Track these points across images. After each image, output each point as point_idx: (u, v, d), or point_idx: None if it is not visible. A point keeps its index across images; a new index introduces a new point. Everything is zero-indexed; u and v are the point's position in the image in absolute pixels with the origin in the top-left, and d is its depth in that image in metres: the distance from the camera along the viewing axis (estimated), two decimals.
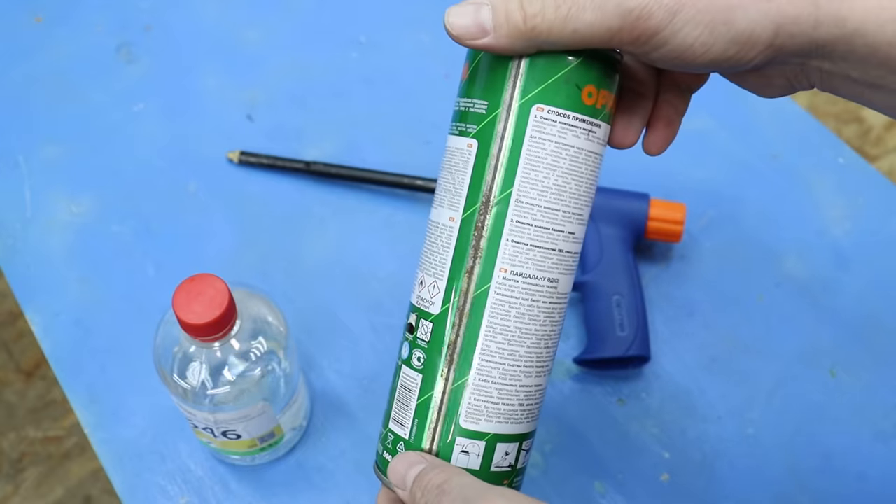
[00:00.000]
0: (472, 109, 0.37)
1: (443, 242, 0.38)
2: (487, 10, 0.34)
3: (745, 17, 0.32)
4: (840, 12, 0.31)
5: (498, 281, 0.37)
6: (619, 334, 0.60)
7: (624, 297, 0.61)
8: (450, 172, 0.38)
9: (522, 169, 0.36)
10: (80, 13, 0.80)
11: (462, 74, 0.38)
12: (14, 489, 1.29)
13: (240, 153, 0.70)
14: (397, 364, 0.40)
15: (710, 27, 0.32)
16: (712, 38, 0.32)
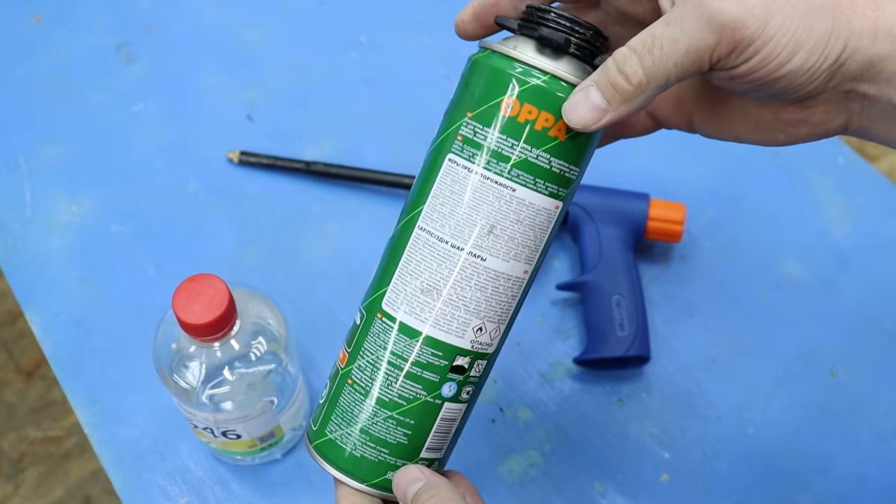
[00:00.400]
0: (566, 174, 0.39)
1: (512, 293, 0.40)
2: (595, 92, 0.35)
3: (822, 25, 0.33)
4: (892, 31, 0.33)
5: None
6: (619, 334, 0.60)
7: (624, 297, 0.61)
8: (532, 229, 0.39)
9: None
10: (79, 13, 0.80)
11: (553, 130, 0.37)
12: (14, 489, 1.29)
13: (240, 153, 0.70)
14: (433, 403, 0.40)
15: (796, 34, 0.33)
16: (797, 46, 0.33)
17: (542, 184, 0.38)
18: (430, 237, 0.38)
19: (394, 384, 0.39)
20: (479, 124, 0.38)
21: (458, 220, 0.38)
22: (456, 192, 0.38)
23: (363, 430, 0.40)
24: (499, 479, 0.58)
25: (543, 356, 0.63)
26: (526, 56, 0.37)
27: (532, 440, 0.60)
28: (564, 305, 0.65)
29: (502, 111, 0.37)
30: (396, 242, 0.40)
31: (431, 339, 0.39)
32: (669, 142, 0.73)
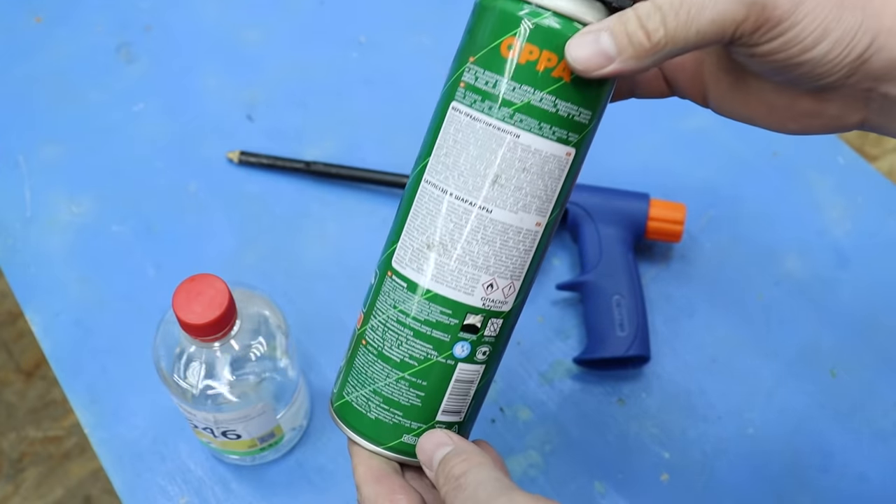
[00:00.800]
0: (576, 118, 0.36)
1: (524, 246, 0.38)
2: (607, 37, 0.34)
3: (852, 17, 0.33)
4: None
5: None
6: (619, 334, 0.60)
7: (624, 297, 0.61)
8: (541, 178, 0.37)
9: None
10: (79, 13, 0.80)
11: (556, 71, 0.35)
12: (14, 489, 1.29)
13: (240, 153, 0.70)
14: (446, 364, 0.39)
15: (824, 22, 0.33)
16: (823, 34, 0.33)
17: (549, 128, 0.36)
18: (435, 189, 0.37)
19: (403, 344, 0.38)
20: (480, 68, 0.36)
21: (462, 170, 0.36)
22: (459, 141, 0.36)
23: (376, 392, 0.39)
24: None
25: (543, 356, 0.63)
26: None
27: (532, 440, 0.60)
28: (564, 305, 0.65)
29: (502, 52, 0.35)
30: (407, 197, 0.39)
31: (439, 297, 0.37)
32: (670, 142, 0.73)
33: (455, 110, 0.37)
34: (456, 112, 0.37)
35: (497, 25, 0.35)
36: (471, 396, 0.40)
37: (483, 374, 0.40)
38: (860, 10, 0.33)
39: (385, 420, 0.39)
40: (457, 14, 0.82)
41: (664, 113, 0.75)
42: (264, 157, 0.70)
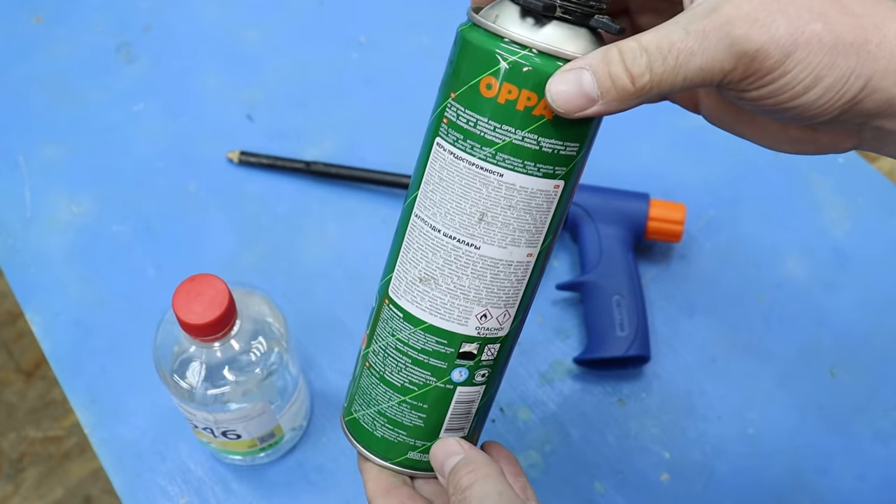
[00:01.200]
0: (562, 152, 0.35)
1: (517, 277, 0.38)
2: (589, 77, 0.32)
3: (845, 62, 0.32)
4: None
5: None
6: (619, 334, 0.60)
7: (624, 297, 0.61)
8: (528, 212, 0.36)
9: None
10: (79, 13, 0.80)
11: (537, 109, 0.34)
12: (14, 489, 1.29)
13: (240, 153, 0.70)
14: (445, 388, 0.40)
15: (815, 70, 0.32)
16: (814, 82, 0.32)
17: (533, 165, 0.35)
18: (425, 225, 0.37)
19: (403, 370, 0.39)
20: (461, 106, 0.35)
21: (448, 208, 0.36)
22: (444, 178, 0.36)
23: (380, 413, 0.40)
24: None
25: (543, 356, 0.63)
26: (504, 27, 0.34)
27: (532, 440, 0.60)
28: (564, 305, 0.65)
29: (482, 91, 0.34)
30: (400, 227, 0.39)
31: (434, 328, 0.38)
32: (669, 142, 0.73)
33: (439, 146, 0.36)
34: (440, 149, 0.36)
35: (475, 62, 0.34)
36: (473, 414, 0.41)
37: (483, 394, 0.41)
38: (854, 54, 0.32)
39: (391, 438, 0.41)
40: (457, 14, 0.82)
41: (664, 113, 0.75)
42: (264, 157, 0.70)
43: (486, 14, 0.35)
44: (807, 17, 0.31)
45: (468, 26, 0.35)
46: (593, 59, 0.32)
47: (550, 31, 0.33)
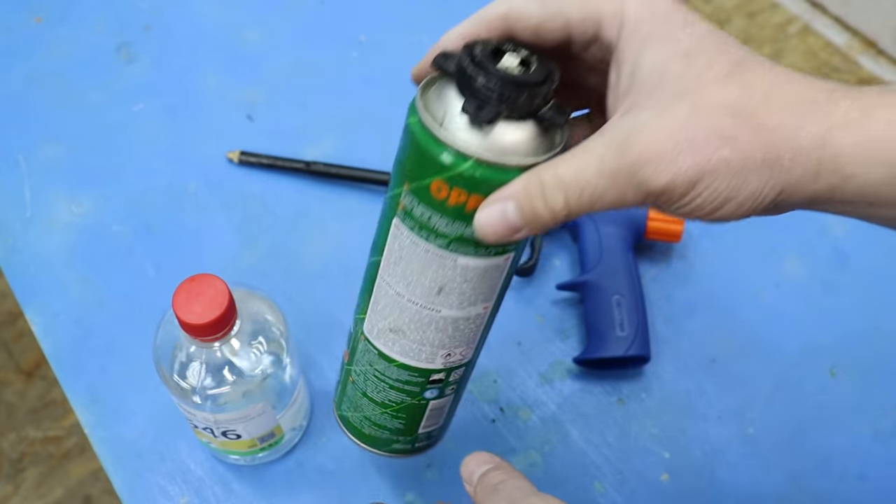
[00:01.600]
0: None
1: (475, 325, 0.41)
2: (513, 208, 0.34)
3: (757, 179, 0.32)
4: (836, 163, 0.32)
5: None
6: (619, 334, 0.60)
7: (624, 297, 0.61)
8: (483, 281, 0.39)
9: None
10: (79, 13, 0.80)
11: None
12: (14, 489, 1.29)
13: (240, 153, 0.70)
14: (420, 403, 0.45)
15: (725, 191, 0.33)
16: (725, 200, 0.33)
17: (485, 249, 0.37)
18: (390, 289, 0.40)
19: (382, 392, 0.45)
20: (415, 198, 0.36)
21: (409, 280, 0.39)
22: (404, 256, 0.38)
23: (366, 417, 0.47)
24: None
25: (543, 356, 0.63)
26: (452, 132, 0.34)
27: (532, 440, 0.60)
28: (564, 305, 0.65)
29: (433, 192, 0.35)
30: (367, 278, 0.42)
31: (406, 365, 0.42)
32: None
33: (397, 227, 0.38)
34: (398, 230, 0.38)
35: (425, 165, 0.35)
36: (445, 413, 0.48)
37: (453, 399, 0.47)
38: (767, 169, 0.32)
39: (377, 435, 0.48)
40: (457, 14, 0.82)
41: None
42: (264, 157, 0.70)
43: (433, 107, 0.36)
44: (715, 144, 0.32)
45: (416, 121, 0.36)
46: (516, 192, 0.34)
47: (497, 134, 0.34)
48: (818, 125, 0.32)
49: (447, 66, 0.35)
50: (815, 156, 0.32)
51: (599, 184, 0.33)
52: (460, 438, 0.59)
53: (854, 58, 1.77)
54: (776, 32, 1.81)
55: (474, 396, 0.61)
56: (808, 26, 1.81)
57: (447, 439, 0.59)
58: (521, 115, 0.34)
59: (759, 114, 0.32)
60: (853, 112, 0.32)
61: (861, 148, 0.32)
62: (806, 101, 0.33)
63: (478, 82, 0.33)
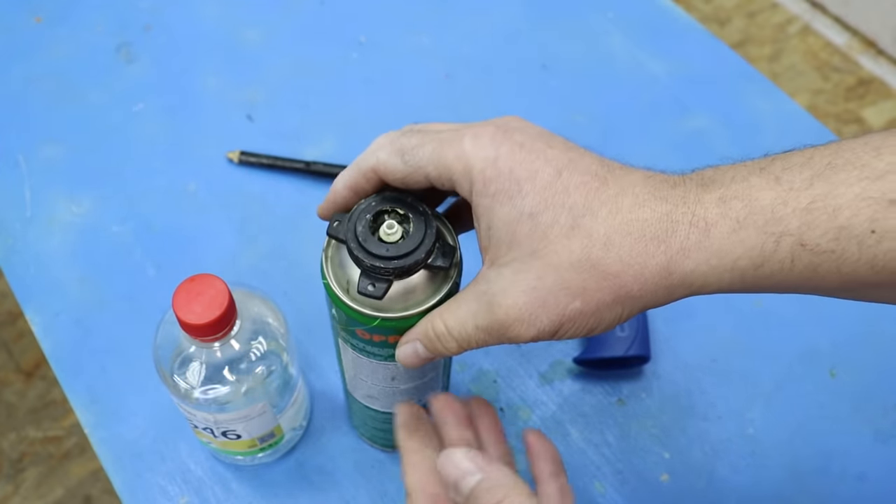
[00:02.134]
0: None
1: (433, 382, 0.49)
2: (421, 347, 0.40)
3: (611, 313, 0.36)
4: (684, 282, 0.35)
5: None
6: (619, 334, 0.60)
7: None
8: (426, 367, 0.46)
9: None
10: (79, 13, 0.80)
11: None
12: (14, 489, 1.29)
13: (240, 153, 0.70)
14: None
15: (586, 328, 0.37)
16: (590, 331, 0.37)
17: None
18: (355, 376, 0.47)
19: (377, 423, 0.53)
20: (348, 335, 0.42)
21: (365, 375, 0.46)
22: (355, 363, 0.45)
23: (375, 430, 0.55)
24: None
25: (543, 356, 0.63)
26: (357, 299, 0.40)
27: None
28: None
29: (359, 334, 0.41)
30: (337, 358, 0.49)
31: (388, 412, 0.50)
32: (670, 142, 0.73)
33: (344, 347, 0.45)
34: (345, 348, 0.45)
35: (345, 318, 0.41)
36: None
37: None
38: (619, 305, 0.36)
39: (386, 442, 0.56)
40: (457, 14, 0.82)
41: (664, 113, 0.75)
42: (264, 157, 0.70)
43: (338, 275, 0.41)
44: (566, 301, 0.36)
45: (327, 285, 0.41)
46: (419, 335, 0.40)
47: (394, 295, 0.39)
48: (661, 257, 0.35)
49: (339, 234, 0.41)
50: (663, 283, 0.35)
51: (479, 336, 0.38)
52: None
53: (854, 58, 1.77)
54: (776, 32, 1.81)
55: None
56: (808, 26, 1.82)
57: None
58: (411, 273, 0.39)
59: (602, 262, 0.35)
60: (692, 236, 0.34)
61: (705, 266, 0.34)
62: (646, 237, 0.35)
63: (365, 264, 0.38)
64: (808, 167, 0.34)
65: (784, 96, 0.76)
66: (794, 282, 0.34)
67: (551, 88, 0.77)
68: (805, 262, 0.33)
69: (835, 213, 0.32)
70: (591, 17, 0.82)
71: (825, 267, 0.33)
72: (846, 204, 0.32)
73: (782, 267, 0.33)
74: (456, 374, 0.62)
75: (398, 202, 0.40)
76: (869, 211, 0.32)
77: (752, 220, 0.33)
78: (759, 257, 0.34)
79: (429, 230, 0.39)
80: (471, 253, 0.43)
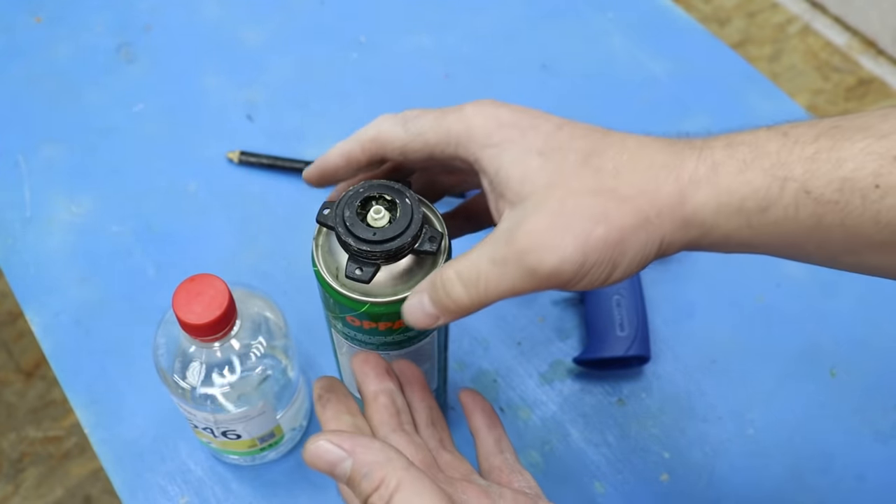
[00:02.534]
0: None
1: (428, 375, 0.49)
2: (428, 302, 0.38)
3: (635, 242, 0.35)
4: (697, 216, 0.35)
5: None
6: (619, 334, 0.60)
7: (624, 297, 0.61)
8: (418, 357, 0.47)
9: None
10: (79, 13, 0.80)
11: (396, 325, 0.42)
12: (14, 489, 1.29)
13: (240, 153, 0.70)
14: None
15: (610, 262, 0.35)
16: (613, 268, 0.36)
17: (408, 342, 0.44)
18: (347, 370, 0.48)
19: None
20: (338, 323, 0.43)
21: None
22: (351, 354, 0.46)
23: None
24: None
25: (543, 356, 0.63)
26: (346, 285, 0.40)
27: (532, 440, 0.60)
28: (565, 305, 0.65)
29: (349, 322, 0.42)
30: (336, 354, 0.50)
31: None
32: None
33: (336, 337, 0.46)
34: (338, 338, 0.46)
35: (335, 307, 0.41)
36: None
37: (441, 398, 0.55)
38: (642, 231, 0.35)
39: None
40: (457, 14, 0.82)
41: (664, 113, 0.75)
42: (264, 157, 0.70)
43: (327, 261, 0.41)
44: (590, 226, 0.35)
45: (317, 272, 0.41)
46: (426, 286, 0.38)
47: (382, 279, 0.40)
48: (672, 184, 0.35)
49: (328, 221, 0.40)
50: (678, 212, 0.35)
51: (492, 271, 0.36)
52: (460, 438, 0.59)
53: (854, 58, 1.77)
54: (776, 32, 1.81)
55: None
56: (808, 26, 1.82)
57: None
58: (398, 258, 0.39)
59: (617, 189, 0.35)
60: (701, 169, 0.35)
61: (714, 202, 0.35)
62: (656, 165, 0.35)
63: (353, 248, 0.38)
64: (814, 127, 0.34)
65: (784, 96, 0.76)
66: (800, 233, 0.34)
67: (551, 88, 0.77)
68: (809, 211, 0.34)
69: (839, 163, 0.33)
70: (591, 17, 0.82)
71: (829, 219, 0.33)
72: (850, 157, 0.33)
73: (787, 214, 0.34)
74: (455, 373, 0.62)
75: (386, 188, 0.40)
76: (873, 165, 0.32)
77: (757, 163, 0.34)
78: (764, 200, 0.34)
79: (415, 215, 0.39)
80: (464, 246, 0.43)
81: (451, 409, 0.60)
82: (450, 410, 0.60)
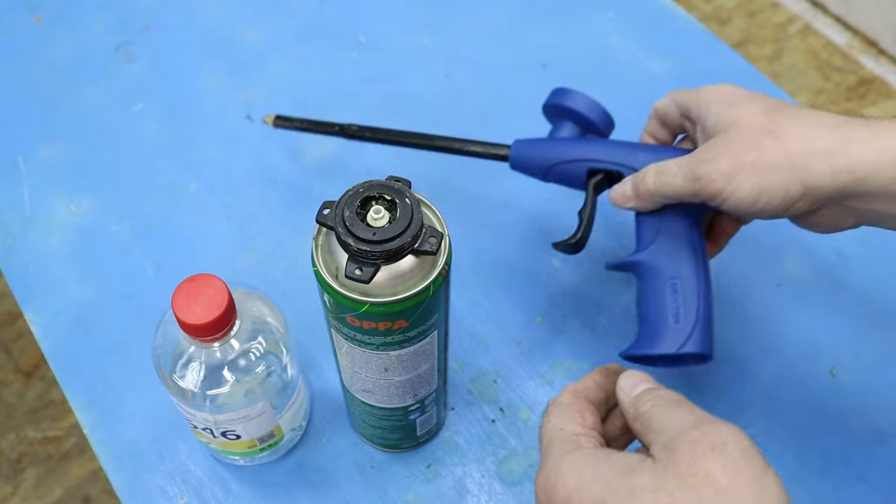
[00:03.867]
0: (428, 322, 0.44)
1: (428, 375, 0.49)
2: (630, 185, 0.52)
3: (780, 177, 0.45)
4: (849, 163, 0.43)
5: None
6: (673, 326, 0.50)
7: (683, 281, 0.51)
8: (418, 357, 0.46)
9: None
10: (79, 13, 0.80)
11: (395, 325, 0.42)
12: (13, 489, 1.29)
13: (275, 117, 0.66)
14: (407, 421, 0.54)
15: (755, 188, 0.45)
16: (759, 195, 0.45)
17: (408, 342, 0.44)
18: (349, 368, 0.48)
19: (377, 420, 0.53)
20: (338, 323, 0.43)
21: (359, 366, 0.47)
22: (348, 353, 0.46)
23: (374, 430, 0.55)
24: (499, 480, 0.58)
25: (543, 356, 0.63)
26: (346, 285, 0.40)
27: (532, 440, 0.60)
28: (565, 305, 0.65)
29: (349, 321, 0.42)
30: (336, 355, 0.49)
31: (385, 408, 0.51)
32: None
33: (336, 337, 0.45)
34: (337, 338, 0.45)
35: (335, 306, 0.41)
36: (435, 417, 0.56)
37: (437, 406, 0.55)
38: (789, 167, 0.44)
39: (386, 442, 0.57)
40: (457, 14, 0.82)
41: None
42: (298, 121, 0.66)
43: (327, 261, 0.41)
44: (744, 150, 0.46)
45: (317, 272, 0.41)
46: (632, 175, 0.52)
47: (382, 280, 0.40)
48: (831, 141, 0.43)
49: (327, 221, 0.40)
50: (829, 161, 0.43)
51: (674, 170, 0.49)
52: (460, 438, 0.59)
53: (855, 57, 1.77)
54: (777, 32, 1.81)
55: (474, 397, 0.61)
56: (808, 26, 1.81)
57: (446, 440, 0.59)
58: (398, 258, 0.39)
59: (780, 133, 0.45)
60: (862, 132, 0.43)
61: (872, 154, 0.42)
62: (821, 125, 0.44)
63: (353, 248, 0.39)
64: None
65: (785, 96, 0.76)
66: None
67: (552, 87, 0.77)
68: None
69: None
70: (591, 17, 0.82)
71: None
72: None
73: None
74: (456, 373, 0.62)
75: (386, 189, 0.40)
76: None
77: None
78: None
79: (415, 215, 0.39)
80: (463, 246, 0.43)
81: (452, 409, 0.60)
82: (450, 411, 0.60)
